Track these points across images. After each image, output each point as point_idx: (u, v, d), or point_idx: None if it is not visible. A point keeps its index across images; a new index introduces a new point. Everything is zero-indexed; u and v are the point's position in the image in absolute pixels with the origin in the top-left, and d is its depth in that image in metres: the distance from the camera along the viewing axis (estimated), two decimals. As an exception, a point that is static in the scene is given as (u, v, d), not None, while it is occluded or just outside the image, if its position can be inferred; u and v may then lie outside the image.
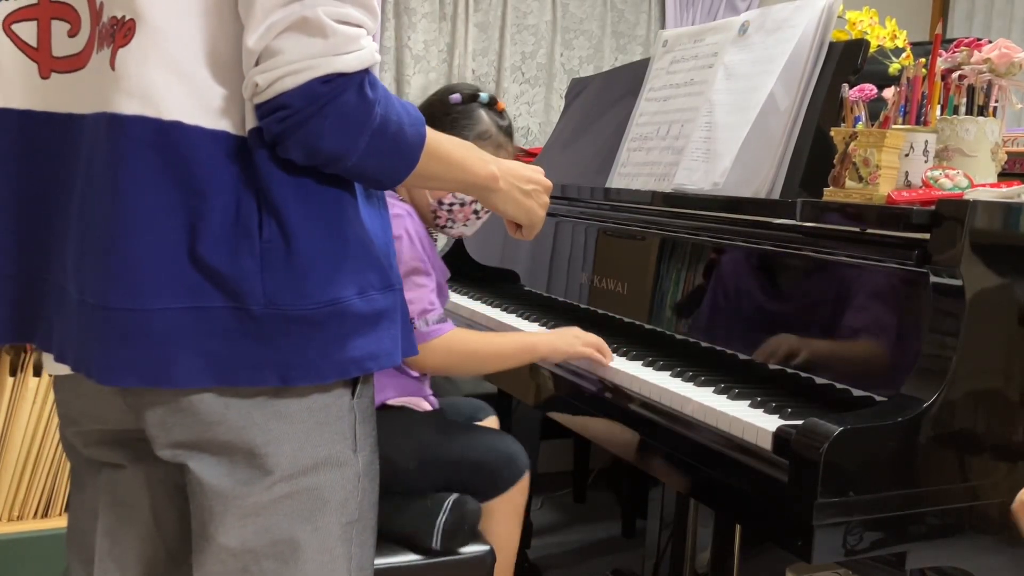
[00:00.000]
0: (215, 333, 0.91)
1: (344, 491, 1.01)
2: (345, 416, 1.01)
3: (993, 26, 3.69)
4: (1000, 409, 1.18)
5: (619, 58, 3.51)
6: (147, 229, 0.89)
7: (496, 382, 2.10)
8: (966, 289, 1.14)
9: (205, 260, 0.90)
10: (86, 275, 0.92)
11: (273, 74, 0.88)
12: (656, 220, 1.73)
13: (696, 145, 1.73)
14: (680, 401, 1.34)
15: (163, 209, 0.89)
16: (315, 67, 0.88)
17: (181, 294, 0.90)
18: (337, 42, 0.89)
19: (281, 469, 0.96)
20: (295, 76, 0.88)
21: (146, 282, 0.89)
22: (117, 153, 0.89)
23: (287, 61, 0.88)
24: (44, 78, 0.96)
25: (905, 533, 1.12)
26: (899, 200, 1.28)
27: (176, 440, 0.95)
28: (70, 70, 0.96)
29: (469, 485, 1.61)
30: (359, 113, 0.92)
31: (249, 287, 0.91)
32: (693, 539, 1.87)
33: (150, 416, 0.95)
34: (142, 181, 0.89)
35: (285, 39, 0.88)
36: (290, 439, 0.96)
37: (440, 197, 1.64)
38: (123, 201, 0.89)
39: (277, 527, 0.97)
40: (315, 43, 0.88)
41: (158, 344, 0.90)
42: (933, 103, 1.41)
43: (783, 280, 1.43)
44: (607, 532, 2.69)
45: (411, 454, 1.56)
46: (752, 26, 1.74)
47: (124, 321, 0.89)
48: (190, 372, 0.91)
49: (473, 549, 1.52)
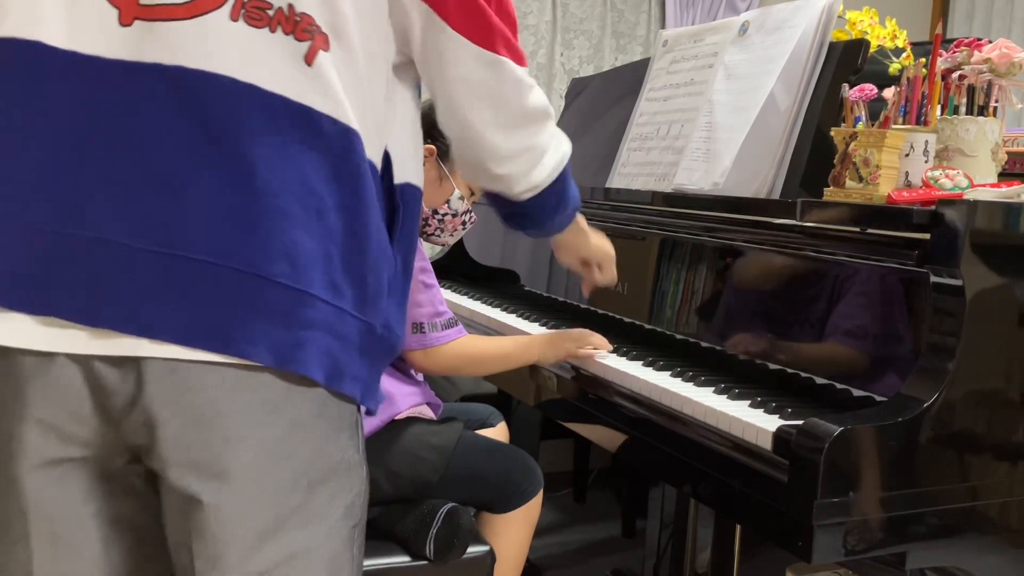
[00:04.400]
0: (340, 336, 0.94)
1: (352, 494, 1.00)
2: (352, 423, 1.01)
3: (993, 26, 3.69)
4: (1000, 409, 1.18)
5: (619, 58, 3.51)
6: (314, 220, 0.91)
7: (496, 382, 2.10)
8: (966, 289, 1.14)
9: (359, 268, 0.94)
10: (228, 239, 0.87)
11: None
12: (656, 220, 1.73)
13: (696, 145, 1.73)
14: (680, 401, 1.34)
15: (327, 209, 0.91)
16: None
17: (327, 289, 0.92)
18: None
19: (297, 480, 0.94)
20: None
21: (306, 267, 0.90)
22: (286, 133, 0.90)
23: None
24: (126, 25, 0.89)
25: (905, 533, 1.12)
26: (899, 200, 1.28)
27: (191, 459, 0.89)
28: (166, 19, 0.88)
29: (492, 498, 1.62)
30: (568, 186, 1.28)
31: (379, 307, 0.97)
32: (693, 539, 1.87)
33: (168, 428, 0.88)
34: (321, 177, 0.91)
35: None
36: (307, 446, 0.94)
37: (435, 206, 1.65)
38: (297, 187, 0.90)
39: (296, 541, 0.94)
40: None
41: (302, 328, 0.90)
42: (933, 103, 1.41)
43: (783, 280, 1.43)
44: (607, 532, 2.69)
45: (435, 467, 1.56)
46: (752, 26, 1.74)
47: (278, 298, 0.89)
48: (312, 363, 0.92)
49: (472, 550, 1.52)
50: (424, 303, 1.52)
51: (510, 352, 1.62)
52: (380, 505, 1.53)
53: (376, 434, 1.54)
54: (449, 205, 1.66)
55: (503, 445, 1.74)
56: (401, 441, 1.55)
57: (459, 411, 1.83)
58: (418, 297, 1.51)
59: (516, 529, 1.66)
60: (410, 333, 1.51)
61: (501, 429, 1.90)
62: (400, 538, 1.51)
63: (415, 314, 1.51)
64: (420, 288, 1.52)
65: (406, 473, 1.54)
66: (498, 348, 1.63)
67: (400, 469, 1.54)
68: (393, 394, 1.58)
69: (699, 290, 1.59)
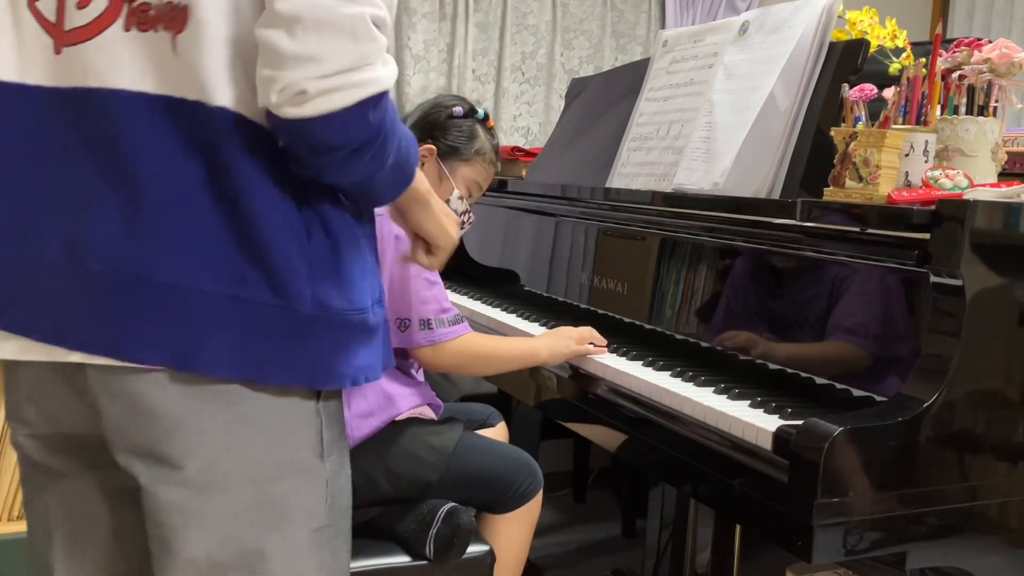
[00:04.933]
0: (252, 327, 0.90)
1: (312, 497, 0.98)
2: (310, 421, 0.98)
3: (993, 26, 3.69)
4: (1000, 409, 1.18)
5: (619, 58, 3.51)
6: (201, 212, 0.89)
7: (496, 382, 2.10)
8: (966, 289, 1.14)
9: (257, 253, 0.90)
10: (120, 247, 0.89)
11: (323, 84, 0.84)
12: (656, 220, 1.73)
13: (696, 145, 1.73)
14: (680, 401, 1.34)
15: (214, 195, 0.89)
16: (362, 84, 0.86)
17: (226, 281, 0.89)
18: (377, 49, 0.87)
19: (244, 476, 0.93)
20: (343, 93, 0.85)
21: (193, 261, 0.89)
22: (170, 132, 0.89)
23: (334, 70, 0.84)
24: (57, 54, 0.94)
25: (905, 533, 1.12)
26: (899, 200, 1.28)
27: (133, 444, 0.93)
28: (78, 42, 0.93)
29: (492, 498, 1.62)
30: (389, 143, 0.94)
31: (299, 287, 0.92)
32: (693, 539, 1.87)
33: (108, 417, 0.93)
34: (192, 164, 0.89)
35: (322, 39, 0.84)
36: (253, 445, 0.94)
37: None
38: (175, 178, 0.89)
39: (243, 537, 0.94)
40: (358, 48, 0.86)
41: (193, 326, 0.89)
42: (933, 103, 1.41)
43: (783, 280, 1.43)
44: (607, 532, 2.69)
45: (436, 467, 1.56)
46: (752, 26, 1.74)
47: (164, 296, 0.88)
48: (219, 360, 0.90)
49: (472, 550, 1.52)
50: (429, 300, 1.52)
51: (517, 354, 1.63)
52: (380, 505, 1.54)
53: (376, 434, 1.54)
54: (449, 204, 1.66)
55: (503, 445, 1.74)
56: (401, 441, 1.55)
57: (459, 411, 1.83)
58: (423, 294, 1.52)
59: (516, 529, 1.66)
60: (417, 330, 1.52)
61: (501, 429, 1.90)
62: (400, 538, 1.51)
63: (422, 311, 1.52)
64: (425, 285, 1.52)
65: (406, 473, 1.54)
66: (505, 348, 1.64)
67: (400, 469, 1.54)
68: (393, 395, 1.58)
69: (699, 290, 1.59)
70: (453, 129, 1.67)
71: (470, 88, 3.31)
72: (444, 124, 1.67)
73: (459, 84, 3.27)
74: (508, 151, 2.61)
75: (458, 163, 1.68)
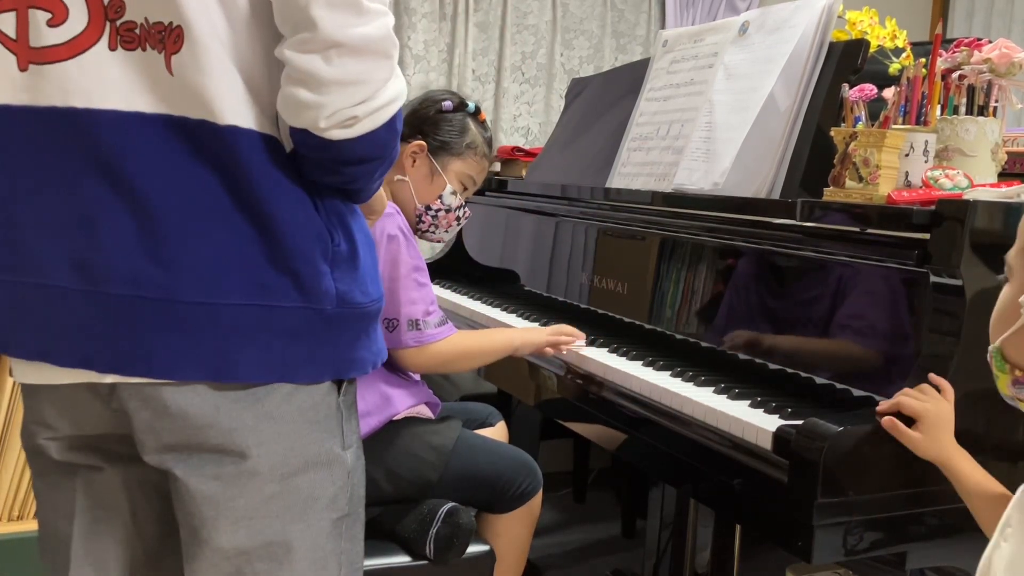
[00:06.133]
0: (282, 331, 0.94)
1: (334, 487, 1.02)
2: (333, 414, 1.02)
3: (993, 26, 3.69)
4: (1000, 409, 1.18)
5: (619, 58, 3.51)
6: (220, 227, 0.91)
7: (496, 382, 2.10)
8: (966, 289, 1.14)
9: (282, 260, 0.92)
10: (143, 270, 0.90)
11: (369, 106, 0.91)
12: (656, 220, 1.73)
13: (696, 145, 1.73)
14: (680, 401, 1.34)
15: (231, 209, 0.91)
16: (396, 98, 0.94)
17: (254, 291, 0.92)
18: (394, 63, 0.94)
19: (272, 470, 0.96)
20: (383, 111, 0.93)
21: (220, 277, 0.91)
22: (174, 150, 0.90)
23: (375, 90, 0.91)
24: (23, 71, 0.93)
25: (905, 533, 1.12)
26: (899, 200, 1.28)
27: (165, 444, 0.95)
28: (54, 60, 0.92)
29: (491, 498, 1.62)
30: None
31: (324, 288, 0.95)
32: (693, 539, 1.86)
33: (139, 420, 0.95)
34: (204, 181, 0.90)
35: (360, 62, 0.90)
36: (280, 440, 0.97)
37: (428, 202, 1.65)
38: (189, 196, 0.90)
39: (270, 528, 0.97)
40: (390, 64, 0.93)
41: (225, 339, 0.91)
42: (933, 103, 1.41)
43: (783, 280, 1.43)
44: (607, 532, 2.69)
45: (435, 467, 1.56)
46: (752, 26, 1.74)
47: (194, 315, 0.90)
48: (254, 368, 0.93)
49: (472, 550, 1.52)
50: (418, 300, 1.52)
51: (490, 346, 1.65)
52: (380, 505, 1.54)
53: (375, 434, 1.54)
54: (442, 200, 1.66)
55: (503, 445, 1.74)
56: (400, 441, 1.55)
57: (458, 411, 1.83)
58: (412, 295, 1.52)
59: (516, 529, 1.66)
60: (406, 330, 1.52)
61: (501, 429, 1.90)
62: (400, 538, 1.51)
63: (410, 311, 1.51)
64: (414, 286, 1.52)
65: (406, 473, 1.54)
66: (478, 343, 1.65)
67: (400, 469, 1.54)
68: (390, 395, 1.58)
69: (699, 290, 1.59)
70: (443, 124, 1.67)
71: (470, 88, 3.30)
72: (434, 119, 1.67)
73: (459, 84, 3.27)
74: (508, 151, 2.61)
75: (450, 158, 1.67)
